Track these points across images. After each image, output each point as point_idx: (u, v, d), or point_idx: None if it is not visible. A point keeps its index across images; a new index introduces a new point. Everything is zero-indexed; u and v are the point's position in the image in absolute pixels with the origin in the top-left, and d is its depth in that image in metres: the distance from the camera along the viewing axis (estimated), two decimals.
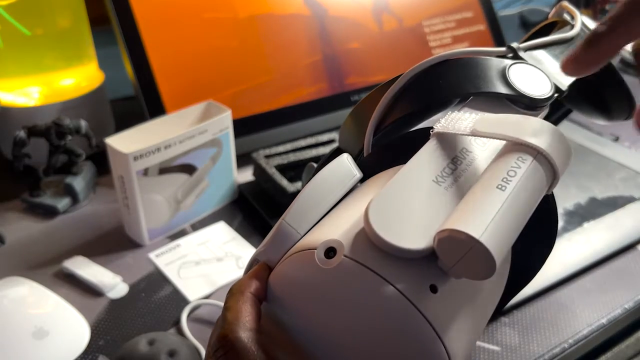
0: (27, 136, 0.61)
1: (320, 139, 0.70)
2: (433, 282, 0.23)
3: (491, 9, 0.93)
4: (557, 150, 0.25)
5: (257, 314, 0.26)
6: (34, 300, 0.50)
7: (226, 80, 0.72)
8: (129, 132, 0.56)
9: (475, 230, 0.21)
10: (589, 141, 0.79)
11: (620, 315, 0.52)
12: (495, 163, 0.25)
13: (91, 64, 0.75)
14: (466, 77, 0.31)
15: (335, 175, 0.29)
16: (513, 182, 0.23)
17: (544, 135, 0.25)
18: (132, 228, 0.59)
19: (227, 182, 0.65)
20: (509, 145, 0.26)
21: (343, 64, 0.80)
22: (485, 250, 0.21)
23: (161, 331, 0.48)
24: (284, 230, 0.27)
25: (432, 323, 0.23)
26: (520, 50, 0.34)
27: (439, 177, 0.26)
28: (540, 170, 0.25)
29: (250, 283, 0.27)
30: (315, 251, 0.25)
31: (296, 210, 0.28)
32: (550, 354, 0.48)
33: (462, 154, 0.27)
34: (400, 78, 0.32)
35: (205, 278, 0.55)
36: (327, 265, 0.24)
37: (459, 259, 0.22)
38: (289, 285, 0.26)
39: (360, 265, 0.23)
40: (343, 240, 0.24)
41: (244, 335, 0.24)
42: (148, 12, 0.69)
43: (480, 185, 0.24)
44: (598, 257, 0.57)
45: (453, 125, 0.27)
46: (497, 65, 0.32)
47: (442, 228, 0.22)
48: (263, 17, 0.75)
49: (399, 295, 0.23)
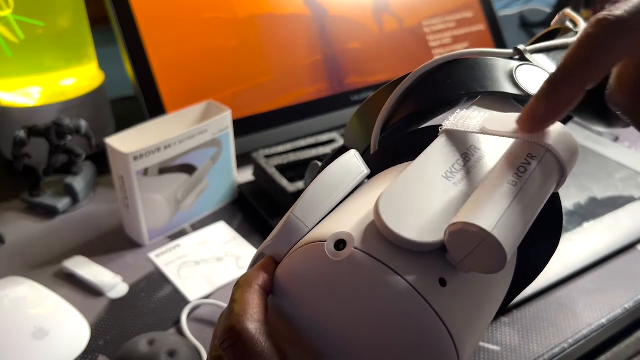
0: (27, 136, 0.61)
1: (320, 139, 0.70)
2: (442, 276, 0.24)
3: (491, 9, 0.93)
4: (565, 148, 0.25)
5: (264, 305, 0.26)
6: (34, 300, 0.50)
7: (226, 80, 0.72)
8: (129, 132, 0.56)
9: (487, 223, 0.22)
10: (589, 141, 0.79)
11: (620, 315, 0.52)
12: (506, 159, 0.25)
13: (91, 64, 0.75)
14: (474, 77, 0.32)
15: (344, 170, 0.30)
16: (524, 178, 0.24)
17: (553, 134, 0.25)
18: (132, 228, 0.59)
19: (227, 182, 0.65)
20: (518, 142, 0.26)
21: (343, 64, 0.80)
22: (497, 243, 0.21)
23: (161, 331, 0.48)
24: (292, 223, 0.27)
25: (440, 315, 0.23)
26: (526, 53, 0.34)
27: (448, 172, 0.26)
28: (549, 167, 0.25)
29: (258, 275, 0.27)
30: (325, 243, 0.25)
31: (305, 204, 0.28)
32: (550, 354, 0.48)
33: (471, 151, 0.28)
34: (409, 77, 0.32)
35: (205, 278, 0.55)
36: (337, 257, 0.24)
37: (470, 252, 0.22)
38: (298, 277, 0.26)
39: (371, 257, 0.23)
40: (353, 232, 0.24)
41: (252, 326, 0.24)
42: (148, 12, 0.69)
43: (491, 180, 0.24)
44: (598, 257, 0.57)
45: (462, 123, 0.28)
46: (504, 66, 0.32)
47: (454, 221, 0.22)
48: (263, 17, 0.75)
49: (408, 287, 0.23)
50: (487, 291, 0.27)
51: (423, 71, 0.32)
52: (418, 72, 0.32)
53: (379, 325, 0.23)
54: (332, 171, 0.29)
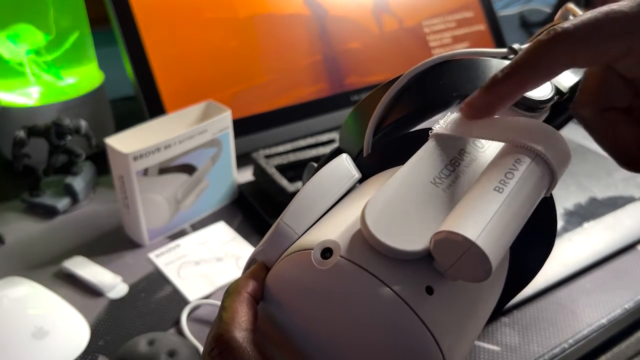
0: (27, 136, 0.61)
1: (320, 139, 0.70)
2: (429, 284, 0.23)
3: (491, 9, 0.93)
4: (556, 152, 0.25)
5: (254, 314, 0.26)
6: (34, 300, 0.50)
7: (226, 80, 0.72)
8: (129, 132, 0.56)
9: (471, 233, 0.21)
10: (589, 141, 0.79)
11: (620, 315, 0.52)
12: (493, 165, 0.25)
13: (91, 64, 0.75)
14: (467, 78, 0.31)
15: (334, 175, 0.29)
16: (511, 184, 0.23)
17: (543, 138, 0.25)
18: (132, 228, 0.59)
19: (227, 182, 0.65)
20: (508, 147, 0.25)
21: (343, 64, 0.80)
22: (482, 253, 0.21)
23: (161, 331, 0.48)
24: (282, 230, 0.27)
25: (427, 324, 0.23)
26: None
27: (436, 178, 0.26)
28: (538, 172, 0.24)
29: (247, 283, 0.27)
30: (312, 251, 0.25)
31: (294, 211, 0.28)
32: (550, 354, 0.48)
33: (461, 156, 0.27)
34: (401, 78, 0.32)
35: (205, 278, 0.55)
36: (323, 265, 0.24)
37: (455, 261, 0.22)
38: (286, 285, 0.26)
39: (356, 266, 0.23)
40: (340, 240, 0.24)
41: (239, 335, 0.24)
42: (148, 12, 0.69)
43: (478, 187, 0.24)
44: (598, 257, 0.57)
45: (452, 126, 0.27)
46: (497, 66, 0.32)
47: (439, 230, 0.22)
48: (263, 17, 0.75)
49: (394, 296, 0.23)
50: (477, 298, 0.26)
51: (415, 72, 0.31)
52: (410, 74, 0.31)
53: (365, 334, 0.23)
54: (321, 176, 0.29)
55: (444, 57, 0.32)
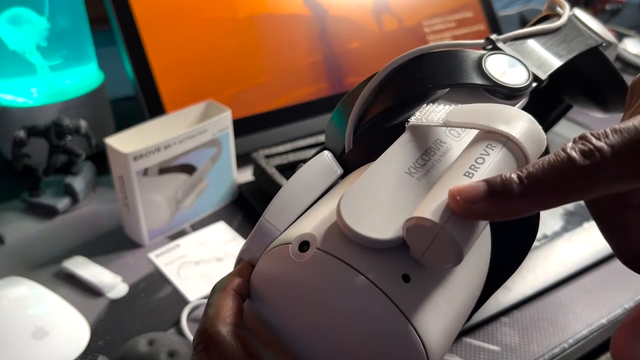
0: (27, 136, 0.61)
1: (320, 139, 0.70)
2: (405, 272, 0.24)
3: (491, 9, 0.93)
4: (529, 137, 0.25)
5: (238, 309, 0.26)
6: (34, 300, 0.50)
7: (226, 80, 0.72)
8: (129, 132, 0.56)
9: (440, 217, 0.21)
10: None
11: (620, 315, 0.52)
12: (466, 152, 0.25)
13: (91, 64, 0.75)
14: (443, 69, 0.31)
15: (314, 172, 0.30)
16: (481, 169, 0.23)
17: (515, 122, 0.25)
18: (132, 228, 0.59)
19: (227, 182, 0.65)
20: (480, 133, 0.25)
21: (343, 64, 0.80)
22: (451, 236, 0.21)
23: (161, 331, 0.48)
24: (264, 227, 0.28)
25: (403, 310, 0.23)
26: (499, 42, 0.34)
27: (411, 168, 0.26)
28: (510, 157, 0.24)
29: (232, 280, 0.27)
30: (290, 245, 0.25)
31: (275, 208, 0.28)
32: (550, 354, 0.48)
33: (436, 145, 0.28)
34: (379, 73, 0.32)
35: (205, 278, 0.55)
36: (301, 258, 0.24)
37: (428, 247, 0.22)
38: (267, 280, 0.26)
39: (333, 257, 0.24)
40: (316, 233, 0.25)
41: (223, 329, 0.25)
42: (148, 12, 0.69)
43: (448, 174, 0.24)
44: (598, 257, 0.57)
45: (426, 117, 0.28)
46: (473, 56, 0.32)
47: (410, 216, 0.22)
48: (263, 17, 0.75)
49: (369, 284, 0.23)
50: (457, 285, 0.26)
51: (392, 67, 0.31)
52: (387, 69, 0.31)
53: (343, 324, 0.23)
54: (301, 173, 0.30)
55: (420, 51, 0.32)
